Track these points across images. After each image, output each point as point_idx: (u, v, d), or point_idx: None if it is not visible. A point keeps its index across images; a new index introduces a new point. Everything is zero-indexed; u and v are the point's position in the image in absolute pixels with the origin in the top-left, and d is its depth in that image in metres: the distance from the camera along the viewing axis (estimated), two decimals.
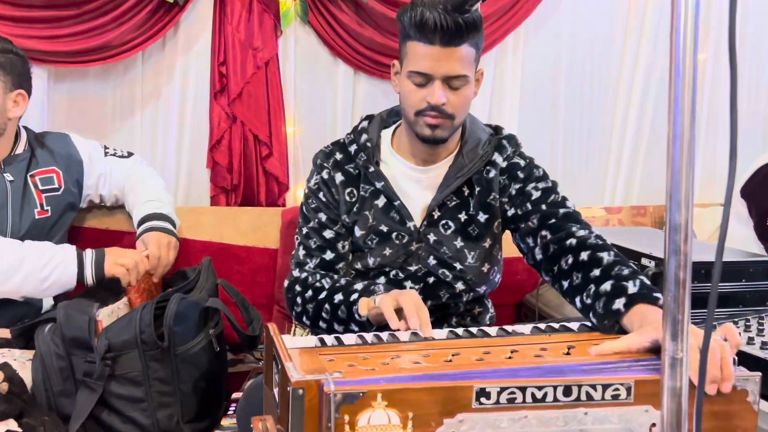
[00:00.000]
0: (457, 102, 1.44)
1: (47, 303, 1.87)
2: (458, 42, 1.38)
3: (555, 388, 0.93)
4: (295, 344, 1.09)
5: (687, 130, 0.65)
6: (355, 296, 1.40)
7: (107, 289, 1.77)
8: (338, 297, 1.44)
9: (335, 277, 1.53)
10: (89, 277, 1.73)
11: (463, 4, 1.16)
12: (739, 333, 1.41)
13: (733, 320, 1.52)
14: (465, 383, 0.92)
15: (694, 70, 0.65)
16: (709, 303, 0.64)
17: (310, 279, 1.53)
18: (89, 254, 1.74)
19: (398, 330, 1.20)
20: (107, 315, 1.61)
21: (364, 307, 1.32)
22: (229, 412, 1.71)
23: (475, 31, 1.39)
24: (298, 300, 1.53)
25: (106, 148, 2.06)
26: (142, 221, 1.93)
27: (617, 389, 0.95)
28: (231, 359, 2.01)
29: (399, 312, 1.24)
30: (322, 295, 1.48)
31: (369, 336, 1.18)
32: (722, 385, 0.99)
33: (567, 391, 0.94)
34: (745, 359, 1.30)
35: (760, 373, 1.00)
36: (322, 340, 1.14)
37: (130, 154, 2.10)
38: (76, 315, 1.59)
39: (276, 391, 1.02)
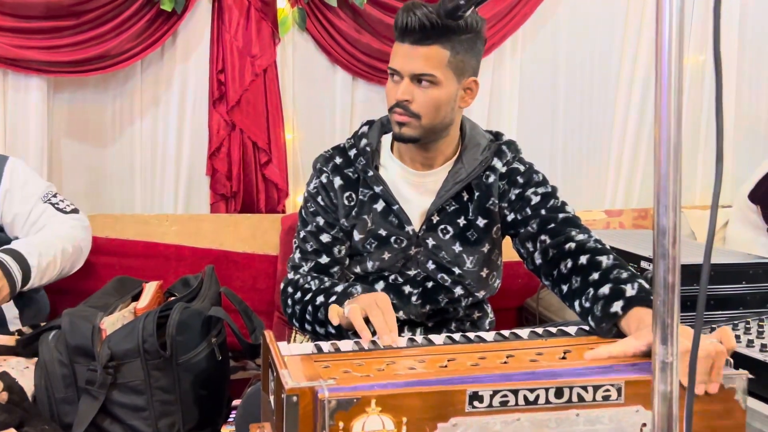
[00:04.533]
0: (424, 101, 1.44)
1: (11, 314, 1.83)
2: (426, 42, 1.40)
3: (547, 390, 0.94)
4: (291, 351, 1.09)
5: (674, 133, 0.65)
6: (333, 299, 1.40)
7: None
8: (320, 299, 1.45)
9: (324, 279, 1.54)
10: None
11: (455, 10, 1.16)
12: (739, 335, 1.41)
13: (733, 323, 1.51)
14: (458, 387, 0.93)
15: (680, 73, 0.65)
16: (697, 305, 0.64)
17: (301, 281, 1.54)
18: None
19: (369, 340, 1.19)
20: (112, 323, 1.61)
21: (335, 316, 1.31)
22: (229, 420, 1.71)
23: (449, 34, 1.40)
24: (289, 302, 1.54)
25: (53, 195, 1.90)
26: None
27: (608, 390, 0.96)
28: (232, 366, 2.01)
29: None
30: (308, 296, 1.48)
31: (366, 342, 1.18)
32: (709, 386, 1.00)
33: (559, 393, 0.94)
34: (744, 362, 1.29)
35: (746, 372, 1.02)
36: (318, 347, 1.14)
37: (73, 210, 1.93)
38: (80, 323, 1.59)
39: (272, 398, 1.02)
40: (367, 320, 1.23)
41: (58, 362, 1.59)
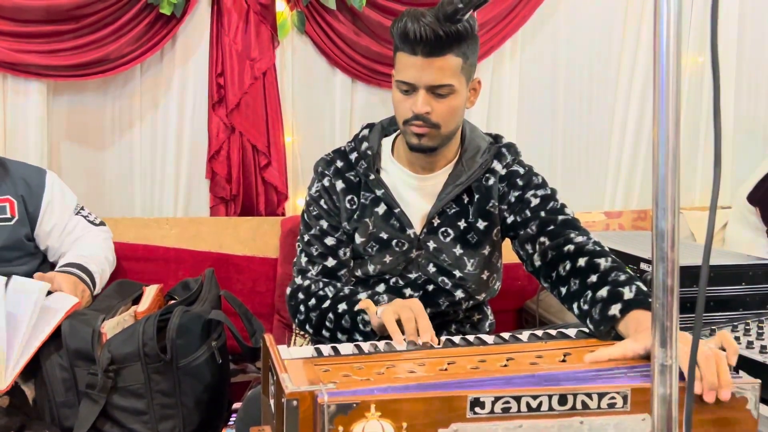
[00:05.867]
0: (443, 111, 1.44)
1: None
2: (440, 52, 1.38)
3: (550, 397, 0.92)
4: (291, 355, 1.09)
5: (672, 136, 0.65)
6: (358, 306, 1.41)
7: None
8: (342, 306, 1.44)
9: (338, 285, 1.54)
10: None
11: (454, 14, 1.16)
12: (739, 337, 1.41)
13: (732, 324, 1.51)
14: (459, 393, 0.91)
15: (679, 75, 0.65)
16: (696, 307, 0.64)
17: (313, 287, 1.54)
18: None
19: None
20: (113, 327, 1.61)
21: (374, 317, 1.33)
22: (230, 423, 1.71)
23: (460, 41, 1.39)
24: (301, 308, 1.53)
25: (81, 208, 2.03)
26: (64, 265, 1.85)
27: (613, 397, 0.93)
28: (232, 369, 2.01)
29: (400, 323, 1.24)
30: (326, 304, 1.48)
31: (366, 345, 1.18)
32: (720, 392, 0.98)
33: (562, 400, 0.92)
34: (744, 363, 1.29)
35: (759, 381, 0.98)
36: (318, 351, 1.14)
37: (101, 223, 2.06)
38: (80, 326, 1.59)
39: (272, 401, 1.02)
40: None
41: (58, 366, 1.59)
